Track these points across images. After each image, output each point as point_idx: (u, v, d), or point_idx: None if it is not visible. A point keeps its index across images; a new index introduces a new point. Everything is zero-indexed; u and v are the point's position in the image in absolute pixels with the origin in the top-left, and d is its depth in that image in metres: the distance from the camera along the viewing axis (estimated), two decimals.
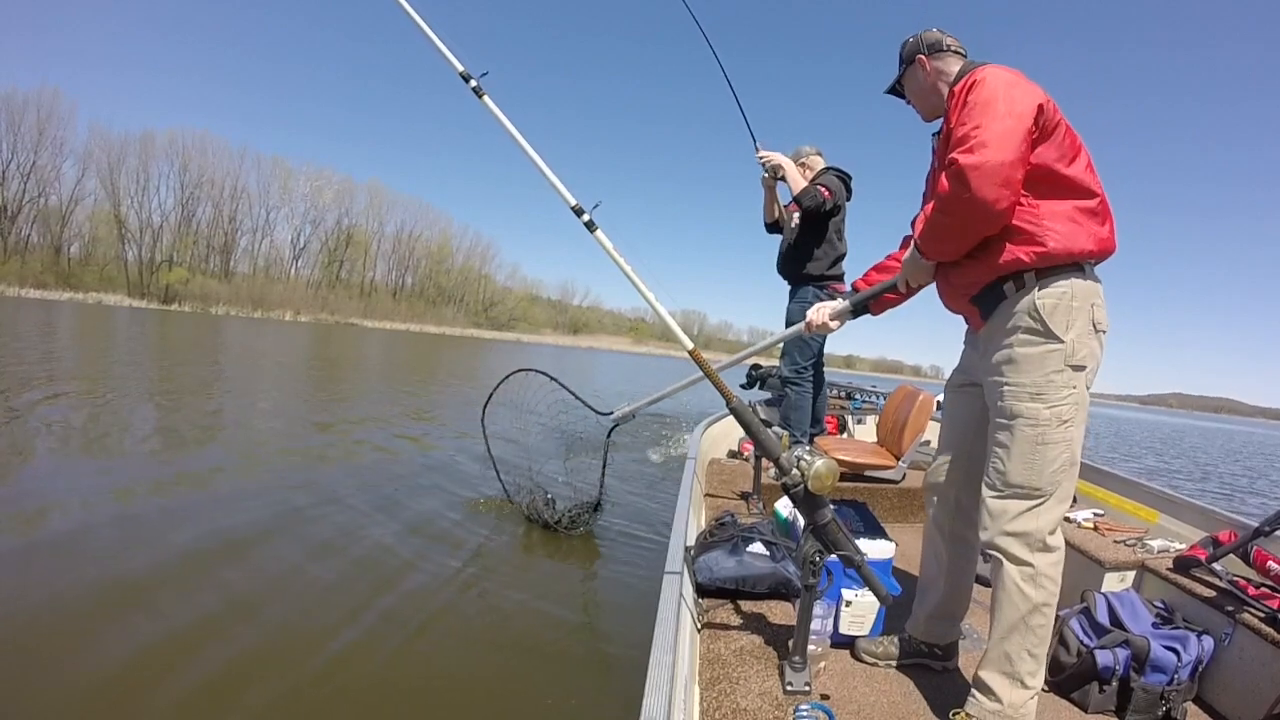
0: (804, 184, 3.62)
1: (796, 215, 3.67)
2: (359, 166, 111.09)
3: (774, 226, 3.95)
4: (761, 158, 3.57)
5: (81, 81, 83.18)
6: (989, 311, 1.53)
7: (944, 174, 1.41)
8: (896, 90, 1.81)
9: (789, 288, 3.87)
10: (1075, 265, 1.45)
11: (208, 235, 56.01)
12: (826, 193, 3.50)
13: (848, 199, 3.73)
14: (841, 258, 3.75)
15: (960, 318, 1.74)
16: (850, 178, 3.75)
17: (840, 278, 3.73)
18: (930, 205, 1.51)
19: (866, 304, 1.91)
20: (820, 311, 1.96)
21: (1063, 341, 1.42)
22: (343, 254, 63.65)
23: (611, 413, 2.52)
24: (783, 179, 3.68)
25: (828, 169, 3.73)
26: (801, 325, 2.02)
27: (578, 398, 2.81)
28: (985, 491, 1.50)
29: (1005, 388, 1.46)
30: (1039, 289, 1.44)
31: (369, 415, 8.24)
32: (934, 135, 1.71)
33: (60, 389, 7.54)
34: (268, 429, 6.72)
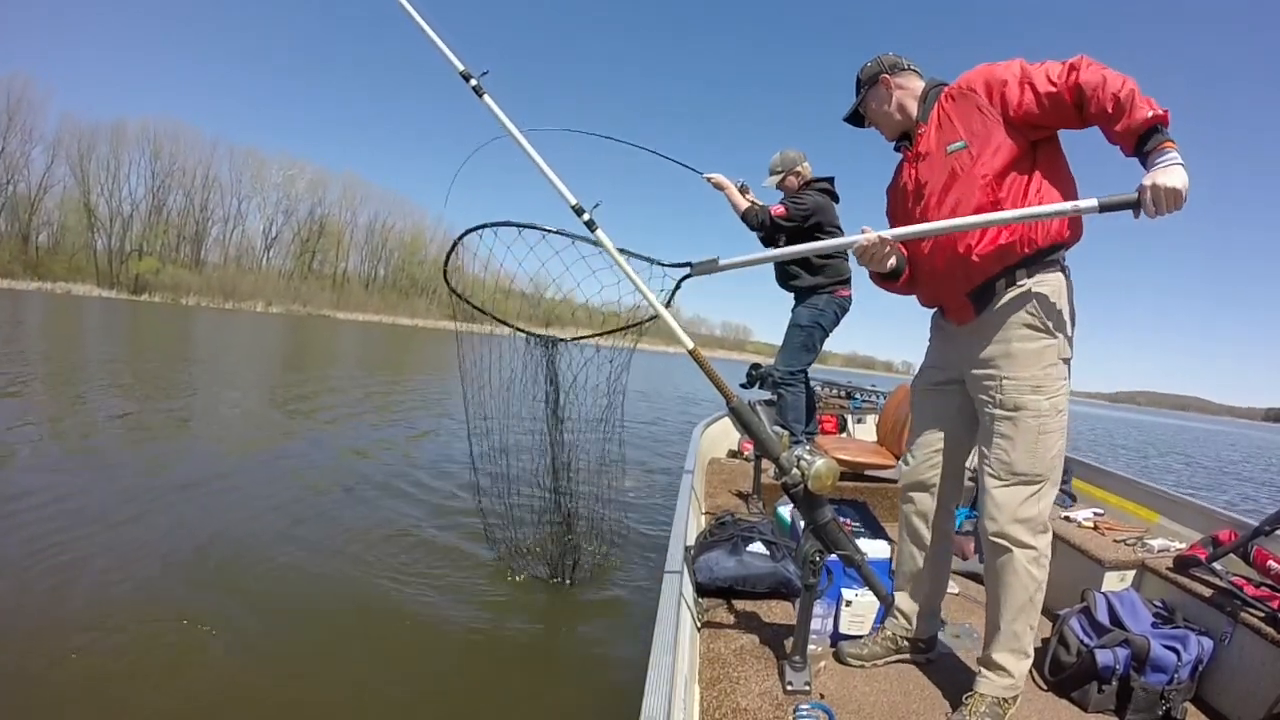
0: (745, 205, 3.48)
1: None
2: (335, 160, 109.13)
3: (764, 234, 3.63)
4: (708, 178, 3.52)
5: (55, 69, 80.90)
6: (983, 307, 1.54)
7: (1086, 72, 1.33)
8: (856, 116, 1.82)
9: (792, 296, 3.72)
10: (1057, 260, 1.50)
11: (179, 224, 54.98)
12: (780, 210, 3.36)
13: (836, 201, 3.57)
14: (841, 264, 3.57)
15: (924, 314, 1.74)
16: (831, 180, 3.59)
17: (844, 282, 3.57)
18: (1101, 94, 1.31)
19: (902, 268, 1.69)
20: (879, 238, 1.59)
21: (1056, 337, 1.49)
22: (315, 245, 62.68)
23: (688, 264, 1.78)
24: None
25: (809, 182, 3.56)
26: (849, 240, 1.65)
27: (636, 254, 1.85)
28: (989, 483, 1.52)
29: (1006, 381, 1.50)
30: (1034, 285, 1.48)
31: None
32: (900, 149, 1.73)
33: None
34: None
